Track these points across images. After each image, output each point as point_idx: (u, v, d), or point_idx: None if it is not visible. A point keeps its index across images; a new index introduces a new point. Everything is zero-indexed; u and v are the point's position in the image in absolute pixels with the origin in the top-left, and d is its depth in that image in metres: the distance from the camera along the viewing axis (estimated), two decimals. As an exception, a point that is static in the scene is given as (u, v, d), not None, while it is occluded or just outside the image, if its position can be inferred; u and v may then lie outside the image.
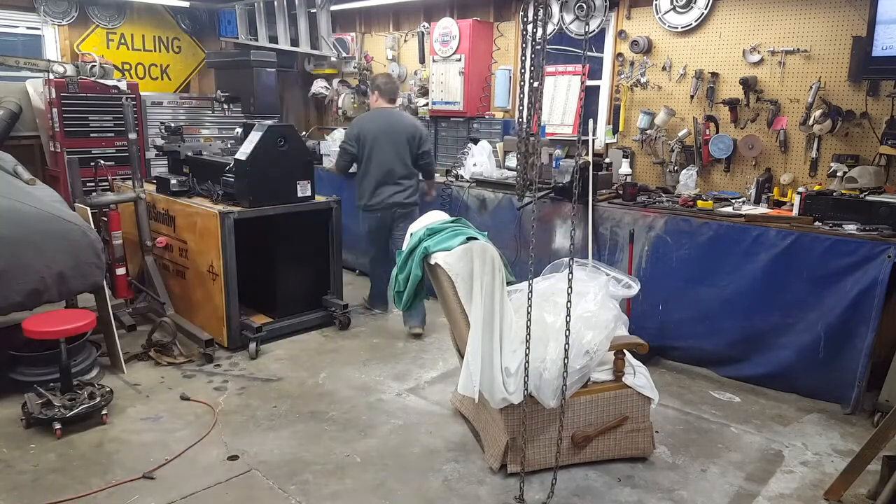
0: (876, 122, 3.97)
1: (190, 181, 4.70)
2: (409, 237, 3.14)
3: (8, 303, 3.39)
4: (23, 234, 3.39)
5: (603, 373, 3.04)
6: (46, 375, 3.57)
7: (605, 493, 2.87)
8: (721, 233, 3.90)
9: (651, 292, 4.06)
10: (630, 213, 4.27)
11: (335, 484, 2.91)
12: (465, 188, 5.18)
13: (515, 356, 2.79)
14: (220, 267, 4.18)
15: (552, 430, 2.89)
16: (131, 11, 6.88)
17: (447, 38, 5.79)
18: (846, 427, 3.47)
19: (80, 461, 3.03)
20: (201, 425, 3.38)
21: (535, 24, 2.49)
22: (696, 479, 2.99)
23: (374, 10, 6.73)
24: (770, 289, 3.74)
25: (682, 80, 4.73)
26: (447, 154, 6.00)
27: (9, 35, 6.31)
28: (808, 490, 2.91)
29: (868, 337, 3.43)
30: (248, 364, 4.15)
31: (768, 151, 4.42)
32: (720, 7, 4.50)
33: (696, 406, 3.70)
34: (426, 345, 4.54)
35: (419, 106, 6.29)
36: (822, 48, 4.13)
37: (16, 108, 6.04)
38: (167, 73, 7.31)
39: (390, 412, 3.58)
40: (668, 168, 4.83)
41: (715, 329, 3.97)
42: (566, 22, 5.11)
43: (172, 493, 2.80)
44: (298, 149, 4.51)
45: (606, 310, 2.97)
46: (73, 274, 3.57)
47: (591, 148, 4.75)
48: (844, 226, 3.61)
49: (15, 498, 2.76)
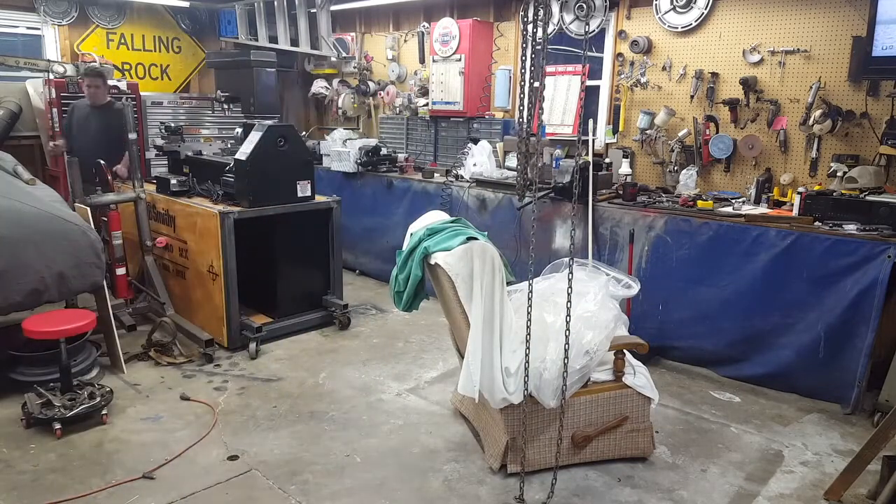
0: (876, 122, 3.97)
1: (190, 181, 4.70)
2: (409, 237, 3.14)
3: (8, 303, 3.39)
4: (23, 235, 3.40)
5: (603, 373, 3.04)
6: (46, 375, 3.57)
7: (605, 493, 2.87)
8: (721, 233, 3.90)
9: (651, 292, 4.06)
10: (630, 213, 4.27)
11: (335, 484, 2.91)
12: (465, 188, 5.18)
13: (515, 356, 2.79)
14: (220, 267, 4.18)
15: (552, 430, 2.89)
16: (131, 11, 6.88)
17: (447, 38, 5.79)
18: (846, 427, 3.47)
19: (80, 461, 3.03)
20: (201, 425, 3.38)
21: (535, 24, 2.49)
22: (696, 479, 2.99)
23: (374, 10, 6.73)
24: (770, 289, 3.74)
25: (682, 80, 4.73)
26: (447, 154, 6.01)
27: (9, 35, 6.32)
28: (808, 490, 2.91)
29: (868, 337, 3.43)
30: (248, 364, 4.16)
31: (768, 151, 4.42)
32: (720, 7, 4.50)
33: (696, 406, 3.70)
34: (426, 345, 4.54)
35: (419, 106, 6.29)
36: (822, 48, 4.13)
37: (16, 108, 6.04)
38: (167, 73, 7.31)
39: (390, 412, 3.58)
40: (668, 168, 4.83)
41: (715, 329, 3.97)
42: (566, 22, 5.11)
43: (172, 493, 2.80)
44: (298, 149, 4.51)
45: (606, 310, 2.97)
46: (73, 274, 3.57)
47: (591, 148, 4.75)
48: (844, 226, 3.61)
49: (15, 498, 2.76)
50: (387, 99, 6.55)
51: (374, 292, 5.63)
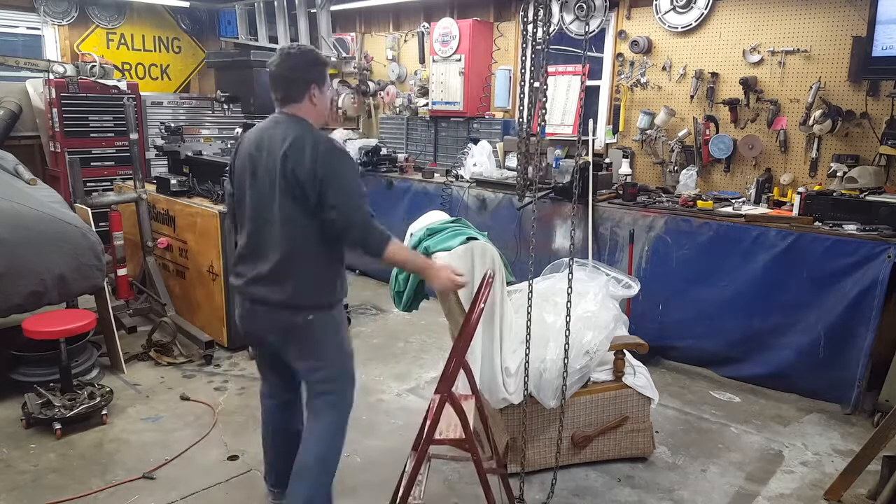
0: (876, 122, 3.97)
1: (190, 181, 4.70)
2: (409, 237, 3.14)
3: (8, 305, 3.39)
4: (23, 237, 3.39)
5: (603, 373, 3.04)
6: (47, 376, 3.57)
7: (605, 493, 2.87)
8: (721, 233, 3.90)
9: (651, 292, 4.06)
10: (630, 213, 4.27)
11: (335, 484, 2.90)
12: (465, 188, 5.18)
13: (515, 356, 2.79)
14: (220, 267, 4.18)
15: (552, 430, 2.89)
16: (131, 11, 6.88)
17: (447, 38, 5.79)
18: (846, 427, 3.47)
19: (80, 461, 3.03)
20: (201, 425, 3.38)
21: (535, 24, 2.49)
22: (696, 479, 2.99)
23: (374, 10, 6.73)
24: (770, 289, 3.73)
25: (682, 80, 4.73)
26: (447, 154, 6.01)
27: (9, 35, 6.32)
28: (808, 490, 2.92)
29: (868, 337, 3.43)
30: (248, 364, 4.15)
31: (768, 151, 4.42)
32: (720, 7, 4.50)
33: (696, 406, 3.70)
34: (426, 345, 4.54)
35: (419, 106, 6.29)
36: (822, 48, 4.12)
37: (16, 108, 6.04)
38: (167, 73, 7.31)
39: (390, 412, 3.58)
40: (668, 168, 4.83)
41: (715, 329, 3.97)
42: (566, 22, 5.11)
43: (172, 493, 2.80)
44: (298, 149, 4.50)
45: (606, 310, 2.97)
46: (73, 276, 3.57)
47: (591, 148, 4.75)
48: (844, 226, 3.61)
49: (15, 498, 2.76)
50: (387, 99, 6.55)
51: (373, 292, 5.63)
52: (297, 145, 2.19)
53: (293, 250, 2.26)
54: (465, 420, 2.20)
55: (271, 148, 2.24)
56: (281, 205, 2.23)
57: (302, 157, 2.17)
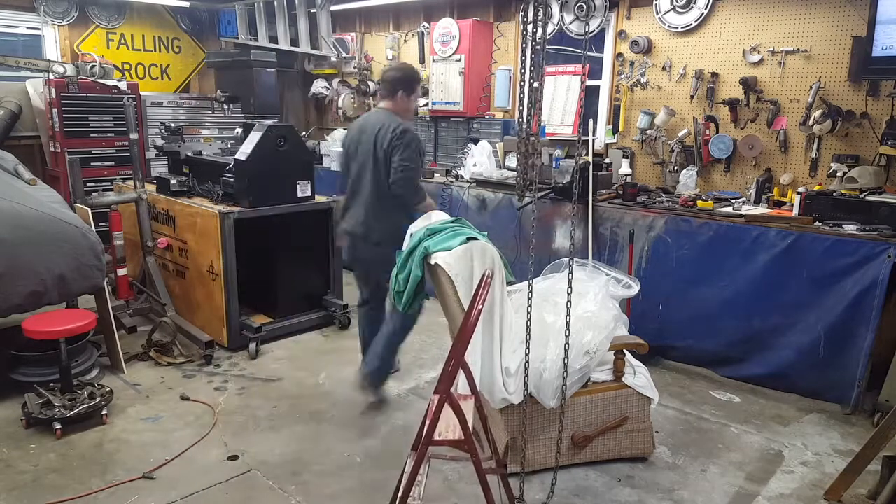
0: (876, 122, 3.97)
1: (190, 181, 4.70)
2: (409, 237, 3.14)
3: (8, 305, 3.39)
4: (23, 237, 3.39)
5: (603, 373, 3.04)
6: (47, 376, 3.57)
7: (605, 493, 2.87)
8: (721, 233, 3.90)
9: (651, 292, 4.06)
10: (630, 213, 4.27)
11: (335, 484, 2.91)
12: (465, 188, 5.18)
13: (515, 356, 2.79)
14: (220, 267, 4.18)
15: (552, 430, 2.89)
16: (131, 11, 6.88)
17: (447, 38, 5.79)
18: (846, 427, 3.47)
19: (80, 461, 3.03)
20: (201, 425, 3.38)
21: (535, 24, 2.49)
22: (696, 479, 2.99)
23: (374, 10, 6.74)
24: (770, 289, 3.73)
25: (682, 81, 4.73)
26: (447, 154, 6.01)
27: (9, 35, 6.31)
28: (808, 490, 2.91)
29: (868, 337, 3.43)
30: (248, 364, 4.16)
31: (768, 151, 4.42)
32: (720, 7, 4.50)
33: (696, 406, 3.70)
34: (426, 345, 4.53)
35: (419, 106, 6.28)
36: (822, 48, 4.12)
37: (16, 108, 6.03)
38: (167, 73, 7.31)
39: (390, 412, 3.58)
40: (668, 168, 4.83)
41: (715, 329, 3.97)
42: (566, 22, 5.11)
43: (172, 493, 2.80)
44: (298, 149, 4.51)
45: (606, 310, 2.97)
46: (73, 276, 3.57)
47: (591, 148, 4.75)
48: (844, 226, 3.61)
49: (15, 498, 2.76)
50: (387, 99, 6.55)
51: (374, 292, 5.62)
52: (385, 127, 3.40)
53: (377, 203, 3.46)
54: (465, 420, 2.20)
55: (371, 129, 3.44)
56: (373, 171, 3.43)
57: (387, 134, 3.37)
